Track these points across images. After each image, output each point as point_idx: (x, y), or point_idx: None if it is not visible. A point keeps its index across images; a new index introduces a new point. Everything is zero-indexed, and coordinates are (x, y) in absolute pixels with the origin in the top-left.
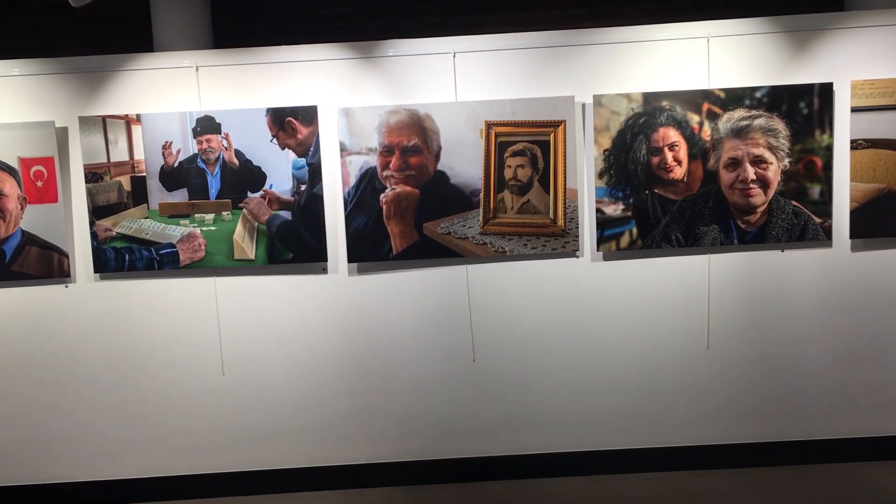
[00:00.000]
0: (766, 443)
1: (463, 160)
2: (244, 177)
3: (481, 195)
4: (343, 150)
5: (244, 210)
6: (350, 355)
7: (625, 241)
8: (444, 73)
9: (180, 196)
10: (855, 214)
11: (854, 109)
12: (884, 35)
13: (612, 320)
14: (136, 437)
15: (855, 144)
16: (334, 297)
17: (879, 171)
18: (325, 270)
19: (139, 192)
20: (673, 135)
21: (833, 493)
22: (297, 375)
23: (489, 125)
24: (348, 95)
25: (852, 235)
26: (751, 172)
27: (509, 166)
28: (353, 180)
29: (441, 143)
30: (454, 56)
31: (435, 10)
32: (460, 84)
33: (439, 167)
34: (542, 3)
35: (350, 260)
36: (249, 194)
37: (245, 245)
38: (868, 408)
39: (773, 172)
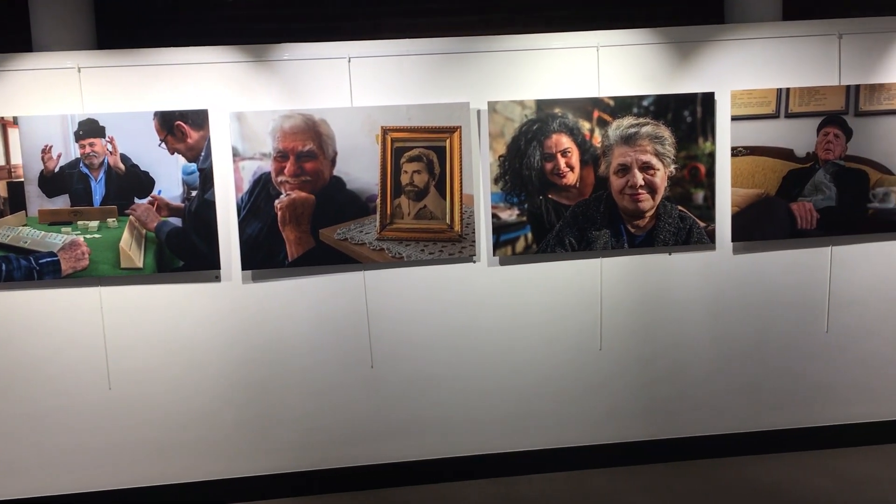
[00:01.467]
0: (658, 440)
1: (359, 166)
2: (131, 182)
3: (378, 201)
4: (236, 155)
5: (131, 217)
6: (245, 365)
7: (520, 245)
8: (340, 78)
9: (62, 202)
10: (736, 218)
11: (734, 118)
12: (761, 47)
13: (508, 324)
14: (18, 456)
15: (735, 151)
16: (228, 306)
17: (758, 177)
18: (217, 278)
19: (16, 198)
20: (565, 141)
21: (719, 486)
22: (190, 387)
23: (385, 131)
24: (241, 99)
25: (734, 238)
26: (639, 178)
27: (406, 172)
28: (246, 186)
29: (337, 148)
30: (349, 61)
31: (331, 14)
32: (356, 89)
33: (335, 173)
34: (439, 10)
35: (244, 267)
36: (136, 200)
37: (132, 253)
38: (749, 404)
39: (661, 178)
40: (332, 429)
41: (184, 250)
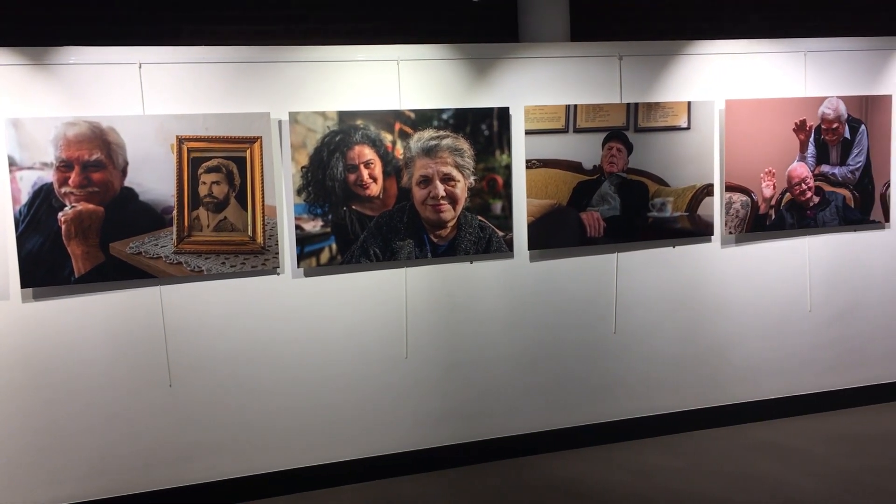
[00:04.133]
0: (463, 443)
1: (153, 176)
2: None
3: (174, 213)
4: (12, 164)
5: None
6: (30, 389)
7: (325, 256)
8: (130, 85)
9: None
10: (532, 227)
11: (528, 132)
12: (552, 66)
13: (313, 336)
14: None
15: (529, 164)
16: (6, 328)
17: (551, 188)
18: None
19: None
20: (368, 153)
21: (520, 484)
22: None
23: (181, 140)
24: (17, 105)
25: (530, 247)
26: (440, 189)
27: (204, 183)
28: (25, 198)
29: (128, 157)
30: (140, 67)
31: (122, 17)
32: (149, 96)
33: (126, 183)
34: (243, 17)
35: (24, 285)
36: None
37: None
38: (547, 403)
39: (461, 189)
40: (128, 453)
41: None
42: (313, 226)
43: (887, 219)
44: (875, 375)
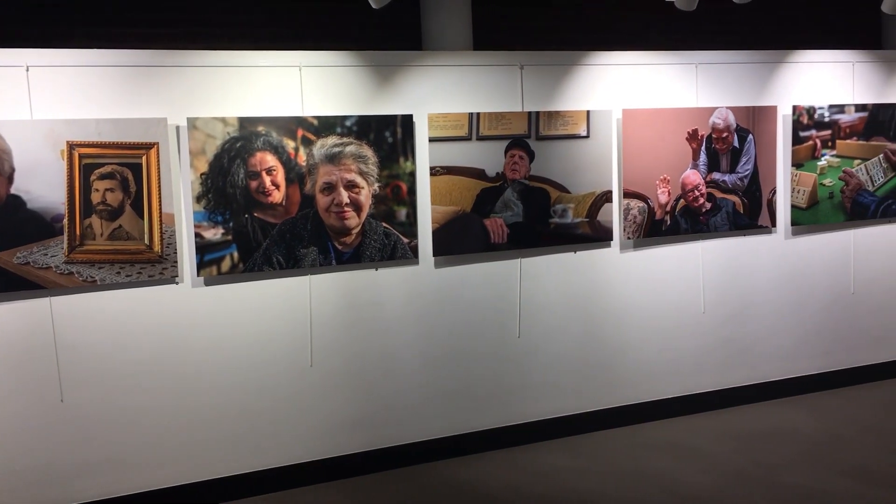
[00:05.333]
0: (371, 450)
1: (42, 183)
2: None
3: (65, 221)
4: None
5: None
6: None
7: (226, 265)
8: (17, 88)
9: None
10: (436, 234)
11: (431, 139)
12: (455, 74)
13: (216, 346)
14: None
15: (433, 171)
16: None
17: (454, 195)
18: None
19: None
20: (270, 159)
21: (425, 490)
22: None
23: (72, 146)
24: None
25: (435, 253)
26: (344, 196)
27: (97, 190)
28: None
29: (14, 164)
30: (27, 70)
31: (8, 17)
32: (37, 100)
33: (13, 191)
34: (141, 20)
35: None
36: None
37: None
38: (454, 408)
39: (365, 196)
40: (20, 472)
41: None
42: (214, 233)
43: (774, 224)
44: (763, 374)
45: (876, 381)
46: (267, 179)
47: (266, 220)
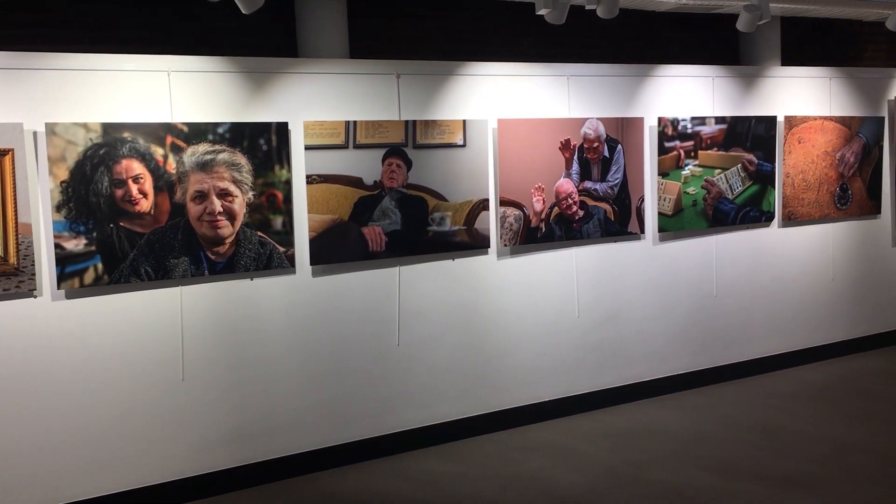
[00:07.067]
0: (247, 465)
1: None
2: None
3: None
4: None
5: None
6: None
7: (89, 277)
8: None
9: None
10: (314, 243)
11: (308, 147)
12: (331, 82)
13: (79, 361)
14: None
15: (310, 179)
16: None
17: (332, 204)
18: None
19: None
20: (137, 167)
21: (308, 501)
22: None
23: None
24: None
25: (313, 262)
26: (217, 205)
27: None
28: None
29: None
30: None
31: None
32: None
33: None
34: None
35: None
36: None
37: None
38: (333, 419)
39: (239, 205)
40: None
41: None
42: (76, 244)
43: (642, 230)
44: (635, 374)
45: (738, 378)
46: (134, 188)
47: (133, 229)
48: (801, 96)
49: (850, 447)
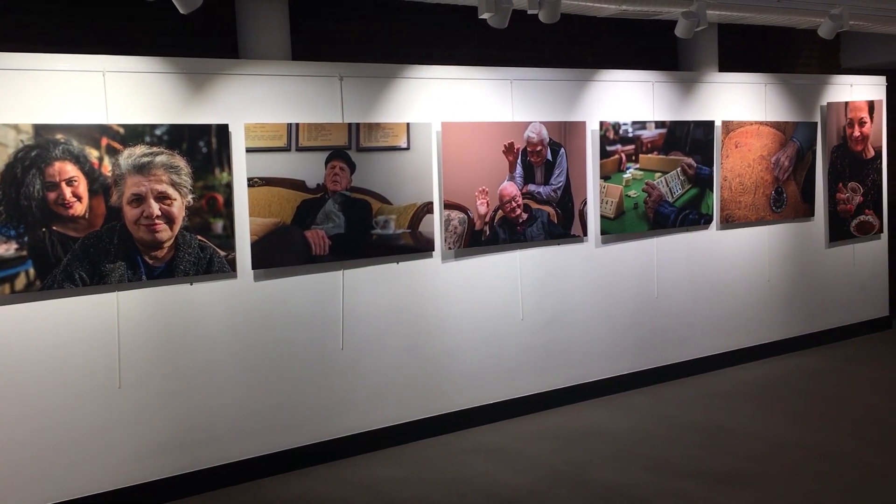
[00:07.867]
0: (179, 475)
1: None
2: None
3: None
4: None
5: None
6: None
7: (20, 283)
8: None
9: None
10: (255, 246)
11: (249, 150)
12: (273, 84)
13: (12, 371)
14: None
15: (251, 182)
16: None
17: (274, 207)
18: None
19: None
20: (70, 169)
21: None
22: None
23: None
24: None
25: (254, 266)
26: (155, 208)
27: None
28: None
29: None
30: None
31: None
32: None
33: None
34: None
35: None
36: None
37: None
38: (275, 425)
39: (178, 208)
40: None
41: None
42: (6, 249)
43: (585, 233)
44: (579, 375)
45: (680, 378)
46: (67, 191)
47: (67, 233)
48: (738, 101)
49: (785, 444)
